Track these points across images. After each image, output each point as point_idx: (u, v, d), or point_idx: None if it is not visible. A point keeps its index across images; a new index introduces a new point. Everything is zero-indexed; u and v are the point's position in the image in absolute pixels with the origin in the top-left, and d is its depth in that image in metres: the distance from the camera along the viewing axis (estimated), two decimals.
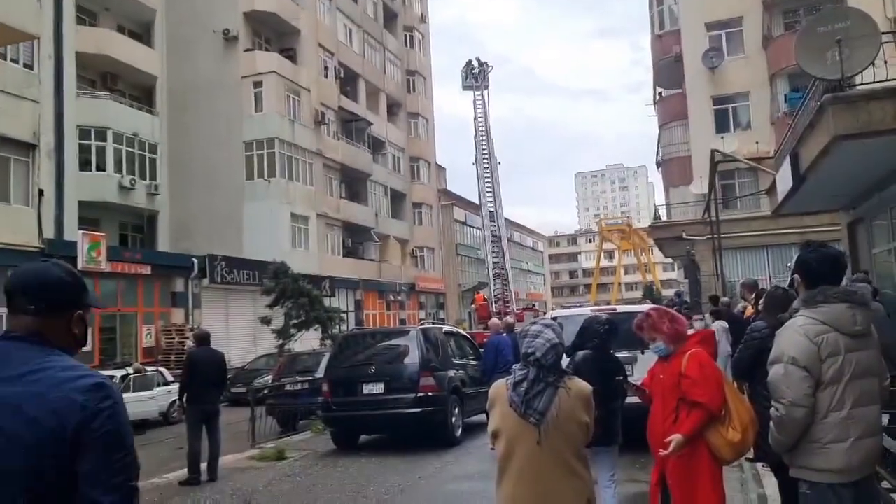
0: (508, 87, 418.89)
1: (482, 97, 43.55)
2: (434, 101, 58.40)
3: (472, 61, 44.49)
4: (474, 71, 44.09)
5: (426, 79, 56.75)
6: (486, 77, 44.33)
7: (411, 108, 53.69)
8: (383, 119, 48.66)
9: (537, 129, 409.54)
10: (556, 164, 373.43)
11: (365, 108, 45.64)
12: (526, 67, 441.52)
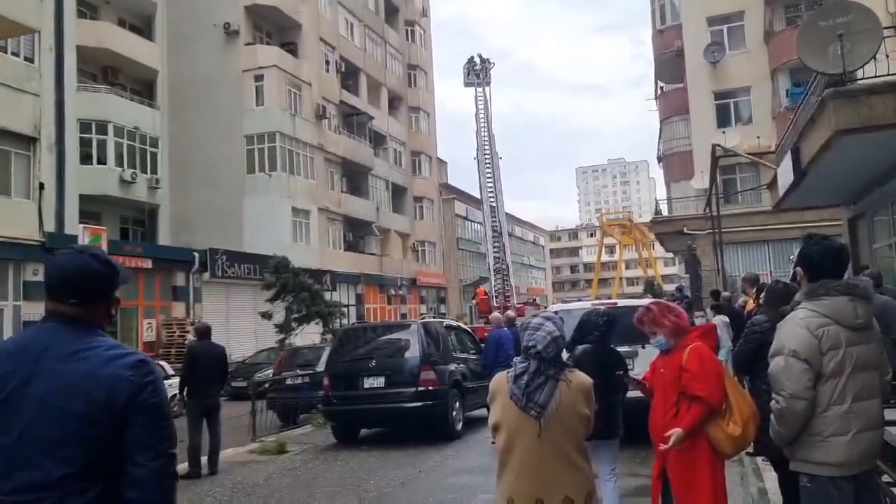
0: (509, 81, 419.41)
1: (484, 93, 43.59)
2: (435, 96, 58.44)
3: (474, 58, 44.48)
4: (476, 68, 44.09)
5: (427, 73, 56.69)
6: (488, 73, 44.35)
7: (412, 103, 53.65)
8: (384, 113, 48.63)
9: (538, 123, 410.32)
10: (557, 159, 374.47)
11: (366, 103, 45.61)
12: (526, 62, 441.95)
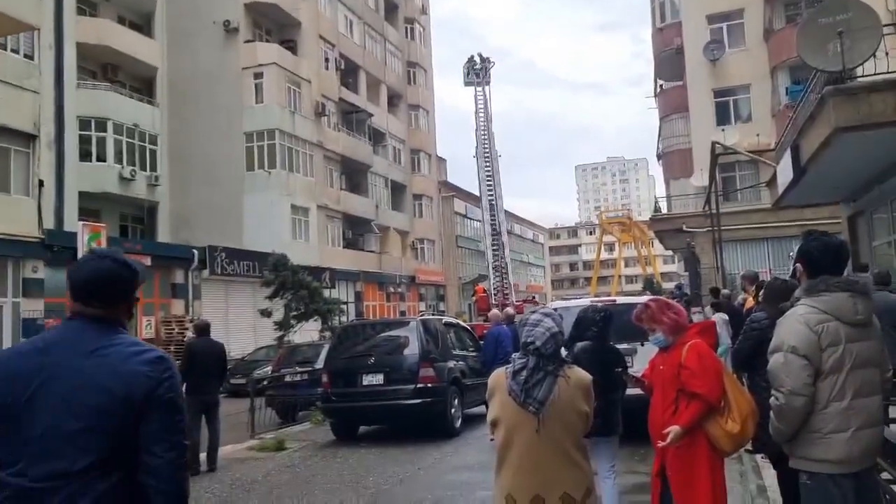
0: (509, 79, 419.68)
1: (484, 93, 43.72)
2: (435, 93, 58.38)
3: (475, 57, 44.62)
4: (476, 67, 44.20)
5: (427, 70, 56.64)
6: (488, 73, 44.49)
7: (412, 100, 53.60)
8: (384, 111, 48.59)
9: (537, 121, 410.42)
10: (556, 157, 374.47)
11: (365, 100, 45.56)
12: (526, 60, 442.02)
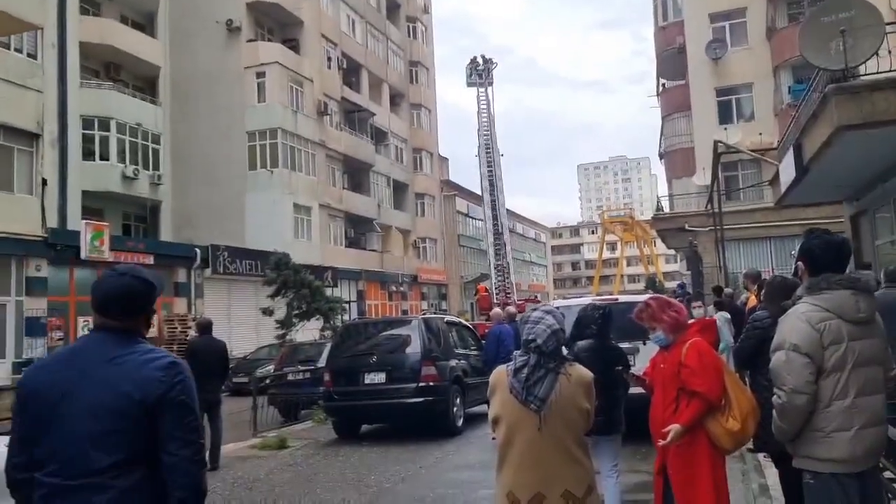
0: (510, 77, 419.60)
1: (486, 94, 43.82)
2: (437, 92, 58.35)
3: (477, 58, 44.79)
4: (479, 68, 44.35)
5: (429, 69, 56.62)
6: (490, 74, 44.64)
7: (414, 99, 53.58)
8: (386, 110, 48.59)
9: (539, 120, 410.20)
10: (558, 156, 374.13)
11: (368, 99, 45.56)
12: (527, 58, 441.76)
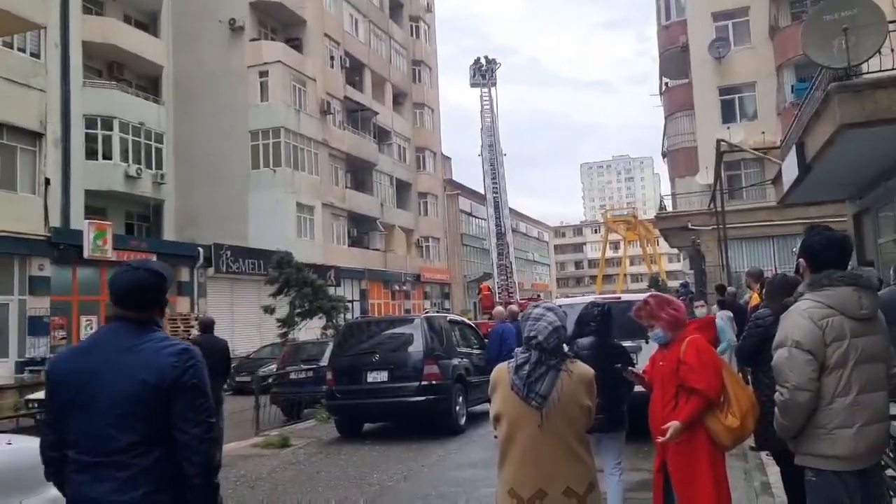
0: (513, 77, 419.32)
1: (490, 94, 43.84)
2: (440, 91, 58.25)
3: (481, 59, 44.87)
4: (482, 69, 44.41)
5: (432, 69, 56.59)
6: (494, 74, 44.68)
7: (417, 98, 53.56)
8: (389, 109, 48.60)
9: (542, 119, 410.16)
10: (561, 155, 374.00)
11: (370, 98, 45.57)
12: (531, 58, 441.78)
